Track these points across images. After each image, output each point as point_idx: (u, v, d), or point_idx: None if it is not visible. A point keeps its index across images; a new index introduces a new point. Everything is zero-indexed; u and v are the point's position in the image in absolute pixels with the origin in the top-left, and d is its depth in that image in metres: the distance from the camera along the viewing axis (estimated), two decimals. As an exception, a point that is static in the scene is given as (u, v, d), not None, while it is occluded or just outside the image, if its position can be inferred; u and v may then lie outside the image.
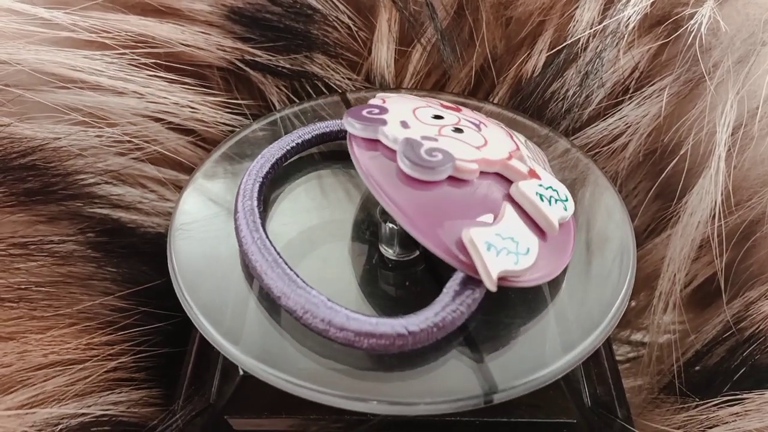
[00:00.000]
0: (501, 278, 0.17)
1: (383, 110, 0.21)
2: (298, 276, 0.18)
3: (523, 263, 0.17)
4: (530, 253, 0.18)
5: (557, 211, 0.19)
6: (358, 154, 0.20)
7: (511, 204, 0.19)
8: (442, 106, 0.22)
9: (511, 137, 0.21)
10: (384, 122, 0.20)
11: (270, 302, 0.19)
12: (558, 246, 0.19)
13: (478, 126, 0.21)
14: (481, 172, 0.19)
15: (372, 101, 0.22)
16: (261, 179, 0.22)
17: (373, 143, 0.20)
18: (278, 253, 0.19)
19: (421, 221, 0.18)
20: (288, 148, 0.23)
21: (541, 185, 0.19)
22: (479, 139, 0.20)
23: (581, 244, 0.21)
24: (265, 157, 0.22)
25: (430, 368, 0.18)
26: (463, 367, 0.18)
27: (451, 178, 0.19)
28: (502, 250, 0.17)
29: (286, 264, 0.18)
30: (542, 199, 0.19)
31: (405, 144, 0.19)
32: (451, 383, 0.17)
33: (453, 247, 0.17)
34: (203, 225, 0.21)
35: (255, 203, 0.21)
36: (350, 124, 0.20)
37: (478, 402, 0.17)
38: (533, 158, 0.21)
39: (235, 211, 0.20)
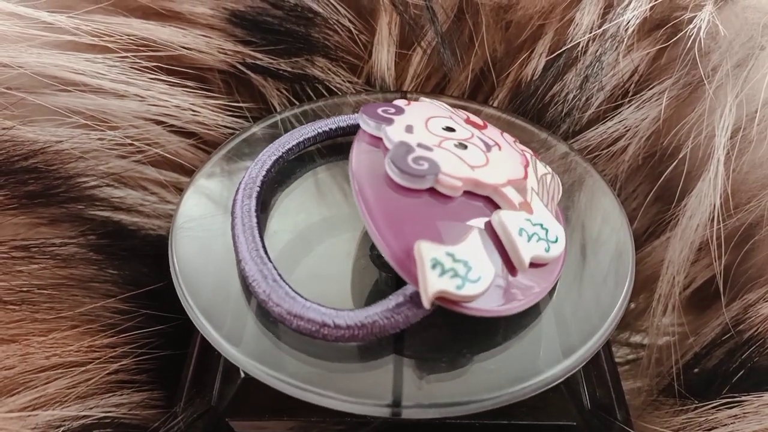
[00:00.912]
0: (442, 298, 0.17)
1: (399, 111, 0.21)
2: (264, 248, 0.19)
3: (469, 289, 0.17)
4: (480, 282, 0.17)
5: (534, 249, 0.18)
6: (355, 147, 0.20)
7: (488, 231, 0.18)
8: (468, 121, 0.22)
9: (526, 166, 0.21)
10: (390, 122, 0.20)
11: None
12: (536, 281, 0.19)
13: (489, 147, 0.20)
14: (469, 192, 0.19)
15: (396, 102, 0.22)
16: (261, 178, 0.22)
17: (377, 141, 0.20)
18: (262, 242, 0.19)
19: (384, 225, 0.18)
20: (289, 146, 0.23)
21: (528, 220, 0.19)
22: (480, 159, 0.20)
23: (580, 247, 0.21)
24: (266, 155, 0.22)
25: (430, 372, 0.18)
26: (462, 371, 0.18)
27: (434, 191, 0.18)
28: (449, 271, 0.17)
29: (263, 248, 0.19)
30: (521, 234, 0.18)
31: (396, 147, 0.19)
32: (450, 387, 0.17)
33: (404, 258, 0.17)
34: (204, 227, 0.21)
35: (253, 202, 0.21)
36: (362, 118, 0.21)
37: (478, 406, 0.17)
38: (541, 192, 0.20)
39: (233, 206, 0.21)
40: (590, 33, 0.25)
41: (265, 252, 0.19)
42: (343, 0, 0.27)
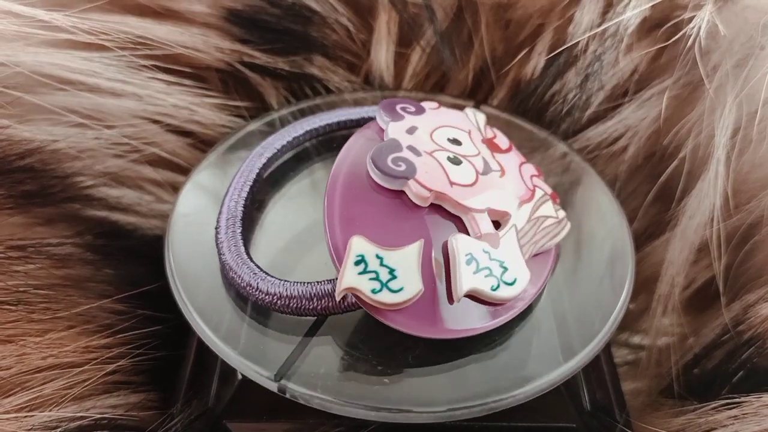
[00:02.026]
0: (357, 297, 0.17)
1: (418, 112, 0.21)
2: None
3: (384, 296, 0.17)
4: (399, 293, 0.17)
5: (477, 282, 0.17)
6: (358, 133, 0.21)
7: (445, 252, 0.18)
8: (487, 140, 0.21)
9: (524, 201, 0.20)
10: (399, 119, 0.20)
11: (269, 306, 0.19)
12: (476, 318, 0.18)
13: (489, 170, 0.20)
14: (442, 209, 0.19)
15: (425, 103, 0.22)
16: (254, 175, 0.22)
17: (382, 134, 0.21)
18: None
19: (338, 212, 0.18)
20: (284, 143, 0.23)
21: (487, 252, 0.18)
22: (468, 179, 0.19)
23: (578, 248, 0.21)
24: (263, 148, 0.23)
25: (429, 376, 0.18)
26: (462, 375, 0.18)
27: (405, 197, 0.18)
28: (371, 272, 0.17)
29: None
30: (469, 263, 0.17)
31: (384, 143, 0.19)
32: (449, 391, 0.17)
33: (341, 248, 0.17)
34: (200, 227, 0.21)
35: (242, 201, 0.21)
36: (378, 110, 0.21)
37: (477, 411, 0.17)
38: (527, 233, 0.19)
39: (221, 205, 0.21)
40: (590, 32, 0.25)
41: (242, 230, 0.20)
42: (341, -2, 0.27)
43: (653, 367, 0.26)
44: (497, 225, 0.19)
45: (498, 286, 0.18)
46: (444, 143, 0.20)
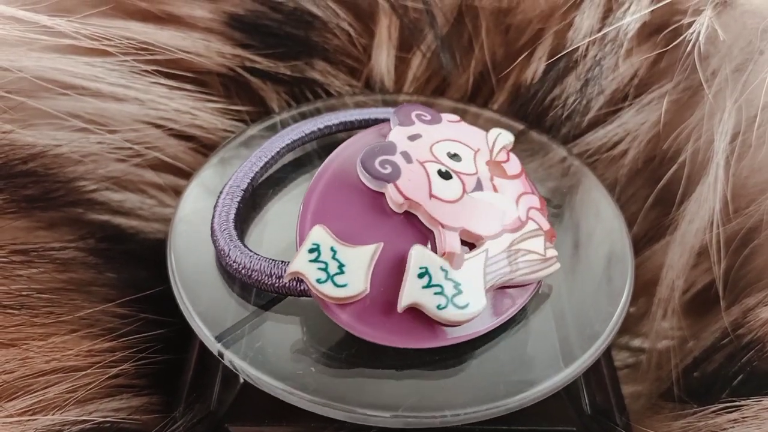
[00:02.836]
0: (306, 285, 0.17)
1: (432, 121, 0.21)
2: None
3: (327, 288, 0.17)
4: (343, 289, 0.17)
5: (421, 297, 0.17)
6: (365, 131, 0.21)
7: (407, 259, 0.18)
8: (493, 162, 0.20)
9: (508, 231, 0.19)
10: (409, 124, 0.20)
11: (270, 310, 0.19)
12: (418, 333, 0.18)
13: (478, 190, 0.19)
14: (418, 219, 0.19)
15: (445, 115, 0.21)
16: (252, 174, 0.22)
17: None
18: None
19: (316, 200, 0.19)
20: (283, 144, 0.23)
21: (444, 270, 0.18)
22: (452, 195, 0.19)
23: (578, 252, 0.21)
24: (261, 151, 0.23)
25: (429, 381, 0.18)
26: (462, 380, 0.18)
27: (384, 201, 0.19)
28: (321, 262, 0.17)
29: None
30: (420, 277, 0.17)
31: (379, 144, 0.19)
32: (449, 395, 0.17)
33: (305, 234, 0.18)
34: (203, 231, 0.21)
35: (247, 179, 0.22)
36: (392, 113, 0.21)
37: (477, 416, 0.17)
38: (498, 262, 0.19)
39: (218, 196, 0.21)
40: (590, 37, 0.25)
41: (237, 215, 0.21)
42: (342, 3, 0.27)
43: (653, 370, 0.26)
44: (472, 246, 0.19)
45: (446, 306, 0.17)
46: (441, 156, 0.20)
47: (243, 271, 0.19)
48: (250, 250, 0.19)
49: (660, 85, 0.25)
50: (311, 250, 0.17)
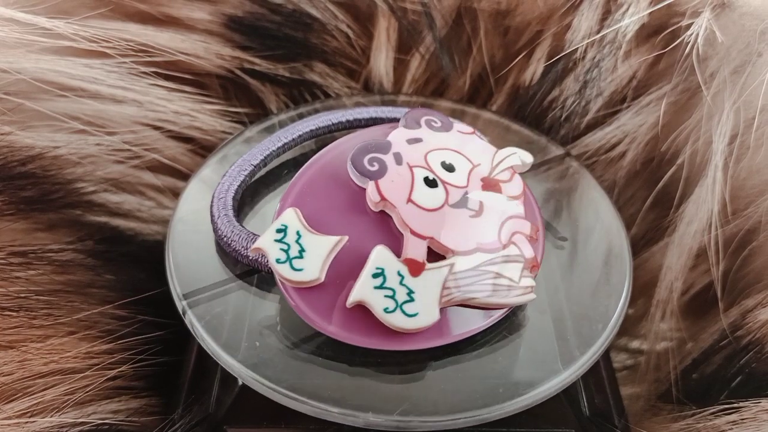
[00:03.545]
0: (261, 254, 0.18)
1: (441, 128, 0.20)
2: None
3: (284, 270, 0.18)
4: (301, 273, 0.18)
5: (370, 296, 0.17)
6: (373, 127, 0.21)
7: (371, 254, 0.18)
8: (488, 180, 0.20)
9: (481, 250, 0.18)
10: (415, 127, 0.20)
11: (269, 313, 0.19)
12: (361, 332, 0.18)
13: (463, 205, 0.19)
14: (392, 220, 0.19)
15: (458, 125, 0.21)
16: (267, 152, 0.23)
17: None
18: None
19: (299, 186, 0.19)
20: (306, 130, 0.24)
21: (401, 275, 0.18)
22: (433, 204, 0.19)
23: (576, 254, 0.21)
24: (283, 132, 0.23)
25: (428, 384, 0.18)
26: (461, 383, 0.18)
27: (365, 197, 0.19)
28: (284, 243, 0.18)
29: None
30: (375, 277, 0.17)
31: (374, 141, 0.19)
32: (448, 399, 0.17)
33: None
34: (201, 233, 0.21)
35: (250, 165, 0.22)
36: (405, 114, 0.21)
37: (475, 420, 0.17)
38: (457, 280, 0.18)
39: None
40: (588, 39, 0.25)
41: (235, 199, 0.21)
42: (341, 5, 0.27)
43: (652, 372, 0.26)
44: (441, 258, 0.18)
45: (393, 311, 0.17)
46: (434, 164, 0.19)
47: (224, 239, 0.20)
48: (238, 221, 0.20)
49: (658, 86, 0.25)
50: (278, 230, 0.18)
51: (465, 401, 0.17)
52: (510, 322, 0.19)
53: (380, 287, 0.17)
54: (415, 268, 0.18)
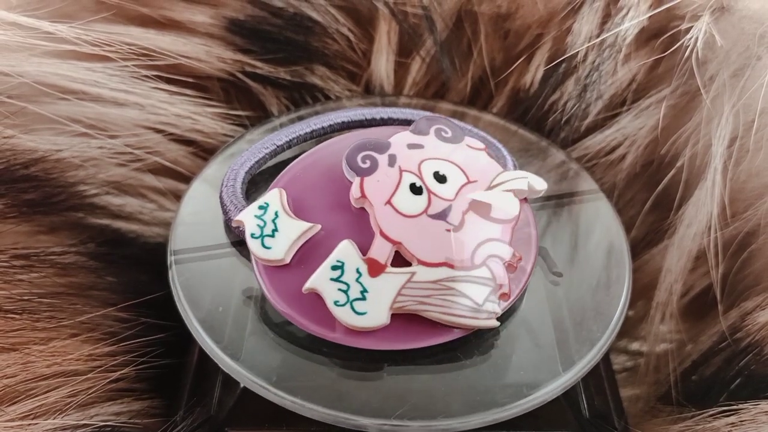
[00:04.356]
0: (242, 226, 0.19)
1: (449, 139, 0.20)
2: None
3: (254, 245, 0.18)
4: (267, 251, 0.18)
5: (324, 287, 0.18)
6: (387, 127, 0.22)
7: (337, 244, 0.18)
8: (475, 202, 0.19)
9: (442, 264, 0.18)
10: (422, 134, 0.20)
11: (271, 316, 0.19)
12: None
13: (443, 217, 0.19)
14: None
15: (470, 139, 0.20)
16: (294, 135, 0.23)
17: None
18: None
19: (295, 169, 0.20)
20: (337, 122, 0.24)
21: (359, 273, 0.18)
22: (412, 210, 0.19)
23: (576, 256, 0.21)
24: (315, 119, 0.24)
25: (428, 387, 0.18)
26: (461, 387, 0.18)
27: (346, 192, 0.19)
28: (260, 219, 0.19)
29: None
30: (333, 269, 0.18)
31: (374, 140, 0.19)
32: (448, 403, 0.17)
33: None
34: (203, 235, 0.21)
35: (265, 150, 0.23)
36: (420, 118, 0.21)
37: (474, 424, 0.17)
38: (415, 288, 0.18)
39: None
40: (589, 42, 0.25)
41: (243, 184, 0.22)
42: (342, 9, 0.27)
43: (651, 373, 0.26)
44: (407, 264, 0.18)
45: (343, 305, 0.17)
46: (426, 172, 0.19)
47: (222, 206, 0.21)
48: (241, 192, 0.21)
49: (658, 90, 0.25)
50: (260, 207, 0.19)
51: (464, 405, 0.17)
52: (510, 324, 0.19)
53: (336, 280, 0.18)
54: (375, 269, 0.18)
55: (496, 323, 0.18)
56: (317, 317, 0.18)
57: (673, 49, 0.24)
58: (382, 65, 0.28)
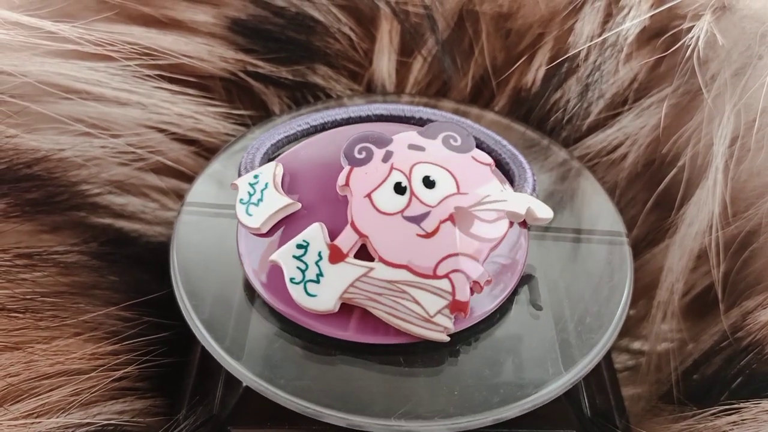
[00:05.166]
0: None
1: (456, 148, 0.20)
2: None
3: (240, 211, 0.19)
4: (247, 218, 0.19)
5: (285, 261, 0.18)
6: (396, 126, 0.22)
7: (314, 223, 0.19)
8: (460, 208, 0.19)
9: (404, 267, 0.18)
10: (428, 137, 0.20)
11: (273, 315, 0.19)
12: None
13: (415, 221, 0.18)
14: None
15: (478, 153, 0.20)
16: (323, 120, 0.23)
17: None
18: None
19: (298, 148, 0.21)
20: (361, 114, 0.24)
21: (319, 256, 0.18)
22: (388, 208, 0.18)
23: (577, 255, 0.22)
24: (347, 109, 0.24)
25: (430, 388, 0.18)
26: (462, 387, 0.18)
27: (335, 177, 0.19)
28: (251, 188, 0.20)
29: None
30: (298, 247, 0.18)
31: (377, 134, 0.20)
32: (449, 403, 0.17)
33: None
34: (205, 234, 0.21)
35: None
36: (438, 119, 0.22)
37: (478, 423, 0.17)
38: (370, 284, 0.18)
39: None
40: (590, 42, 0.25)
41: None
42: (343, 8, 0.27)
43: (653, 372, 0.26)
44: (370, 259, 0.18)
45: (297, 282, 0.18)
46: (415, 175, 0.19)
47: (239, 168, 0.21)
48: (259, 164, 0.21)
49: (659, 89, 0.25)
50: (255, 176, 0.20)
51: (466, 405, 0.17)
52: (511, 324, 0.19)
53: (297, 258, 0.18)
54: (335, 256, 0.18)
55: (446, 338, 0.18)
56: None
57: (674, 48, 0.24)
58: (384, 64, 0.28)
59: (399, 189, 0.19)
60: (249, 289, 0.20)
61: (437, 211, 0.18)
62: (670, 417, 0.23)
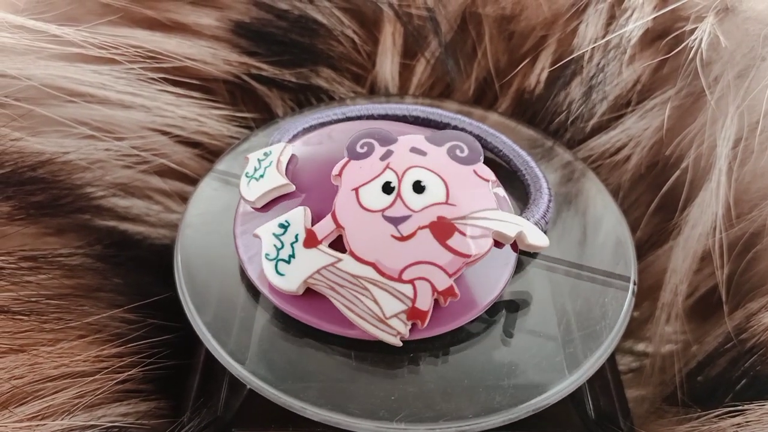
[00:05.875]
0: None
1: (460, 160, 0.20)
2: None
3: (243, 184, 0.21)
4: (244, 189, 0.21)
5: (265, 237, 0.19)
6: (415, 128, 0.23)
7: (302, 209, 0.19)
8: (443, 218, 0.18)
9: (373, 265, 0.18)
10: (434, 143, 0.20)
11: (277, 318, 0.19)
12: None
13: (394, 223, 0.18)
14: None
15: (484, 167, 0.20)
16: (340, 115, 0.24)
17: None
18: None
19: (308, 136, 0.22)
20: (381, 113, 0.24)
21: (295, 237, 0.19)
22: (371, 205, 0.19)
23: (581, 257, 0.22)
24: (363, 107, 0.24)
25: (434, 390, 0.18)
26: (466, 389, 0.18)
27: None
28: (256, 163, 0.21)
29: None
30: (280, 227, 0.19)
31: (384, 131, 0.20)
32: (452, 405, 0.17)
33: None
34: (209, 236, 0.21)
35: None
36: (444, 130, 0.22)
37: (482, 426, 0.17)
38: (337, 276, 0.18)
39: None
40: (593, 44, 0.25)
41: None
42: (346, 11, 0.27)
43: (657, 374, 0.26)
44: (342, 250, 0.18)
45: (270, 259, 0.19)
46: (407, 178, 0.19)
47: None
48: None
49: (663, 91, 0.25)
50: (265, 153, 0.21)
51: (470, 407, 0.17)
52: (515, 326, 0.19)
53: (276, 236, 0.19)
54: (310, 241, 0.19)
55: (398, 343, 0.18)
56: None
57: (677, 50, 0.24)
58: (387, 67, 0.28)
59: (387, 188, 0.19)
60: (252, 291, 0.20)
61: (419, 216, 0.18)
62: (674, 419, 0.23)
